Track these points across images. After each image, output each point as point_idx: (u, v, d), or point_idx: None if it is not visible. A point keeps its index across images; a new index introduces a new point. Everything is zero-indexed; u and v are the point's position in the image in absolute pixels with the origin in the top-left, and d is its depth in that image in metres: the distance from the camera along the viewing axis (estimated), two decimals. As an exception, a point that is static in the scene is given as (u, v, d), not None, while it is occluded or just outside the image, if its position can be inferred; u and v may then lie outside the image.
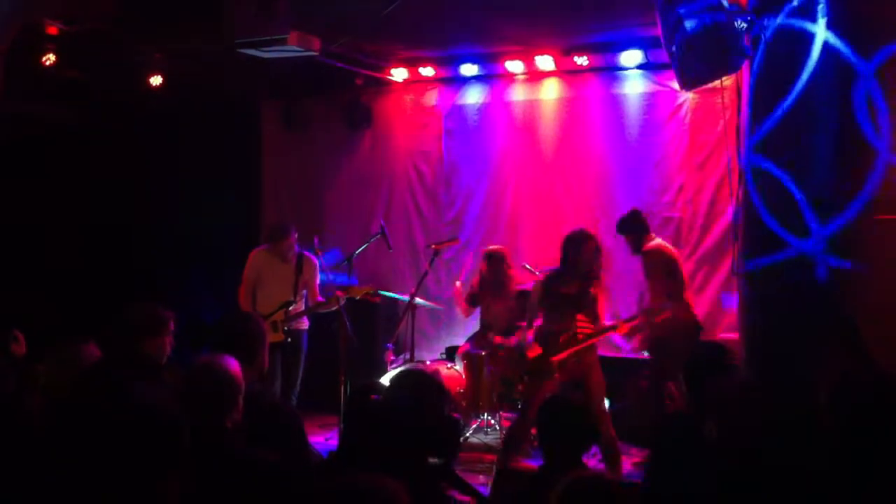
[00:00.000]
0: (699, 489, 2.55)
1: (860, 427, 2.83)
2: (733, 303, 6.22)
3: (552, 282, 6.11)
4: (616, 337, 7.86)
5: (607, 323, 6.21)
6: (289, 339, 6.84)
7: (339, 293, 6.89)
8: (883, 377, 3.15)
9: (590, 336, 5.96)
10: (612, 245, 8.19)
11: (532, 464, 6.89)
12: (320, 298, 7.07)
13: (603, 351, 7.80)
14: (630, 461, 6.54)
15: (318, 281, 7.17)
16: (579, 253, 6.01)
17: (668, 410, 6.39)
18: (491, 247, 7.84)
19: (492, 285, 7.61)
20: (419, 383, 3.51)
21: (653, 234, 6.86)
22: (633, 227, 6.86)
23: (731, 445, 2.79)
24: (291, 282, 6.92)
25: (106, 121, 9.02)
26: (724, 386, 3.27)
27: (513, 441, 6.16)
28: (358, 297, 7.10)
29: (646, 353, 6.92)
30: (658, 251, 6.69)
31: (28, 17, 6.74)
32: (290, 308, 6.86)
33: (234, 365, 3.10)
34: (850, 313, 4.33)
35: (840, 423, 2.87)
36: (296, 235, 7.09)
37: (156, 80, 8.44)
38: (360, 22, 7.15)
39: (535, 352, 6.08)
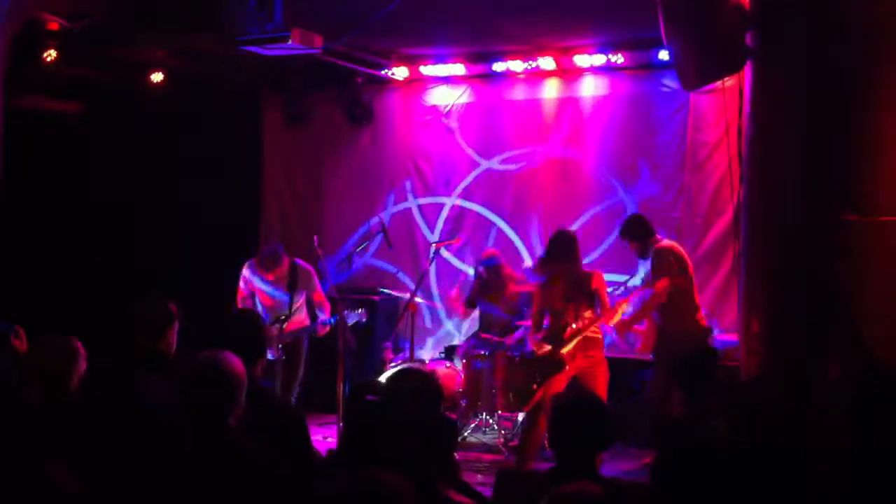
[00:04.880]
0: (708, 491, 2.54)
1: (873, 420, 2.85)
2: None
3: (546, 285, 6.24)
4: (616, 338, 7.86)
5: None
6: (283, 357, 6.68)
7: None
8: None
9: (588, 324, 6.11)
10: (617, 243, 8.20)
11: (538, 465, 6.87)
12: (326, 305, 6.92)
13: (610, 353, 7.77)
14: (637, 462, 6.52)
15: (318, 285, 6.99)
16: (570, 252, 6.18)
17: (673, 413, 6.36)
18: (488, 251, 7.93)
19: (490, 286, 7.63)
20: (415, 382, 3.52)
21: (658, 236, 6.72)
22: (639, 232, 6.72)
23: (745, 445, 2.78)
24: (286, 298, 6.82)
25: (107, 116, 9.00)
26: (737, 385, 3.26)
27: (530, 444, 6.16)
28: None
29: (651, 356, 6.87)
30: (670, 250, 6.57)
31: (29, 12, 6.71)
32: (285, 325, 6.73)
33: (237, 362, 3.09)
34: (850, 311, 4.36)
35: (855, 416, 2.88)
36: (287, 263, 6.85)
37: (157, 77, 8.42)
38: (362, 19, 7.14)
39: (543, 350, 6.17)
